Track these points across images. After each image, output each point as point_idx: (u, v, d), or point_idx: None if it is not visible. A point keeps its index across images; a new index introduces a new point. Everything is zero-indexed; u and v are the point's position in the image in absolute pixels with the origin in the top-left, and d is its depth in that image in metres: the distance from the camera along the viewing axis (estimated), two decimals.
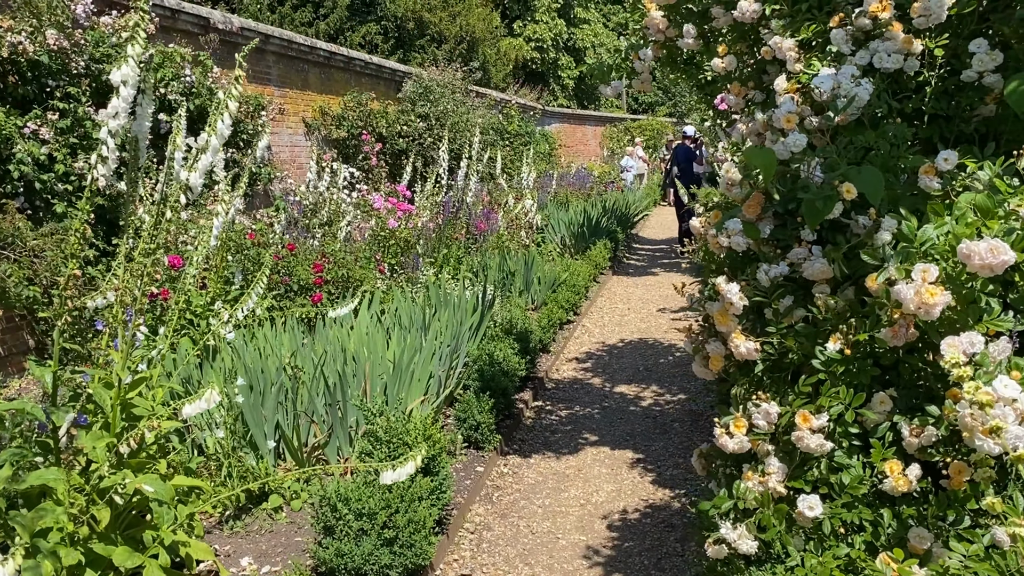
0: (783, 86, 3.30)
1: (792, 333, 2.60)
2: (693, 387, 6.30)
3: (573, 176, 17.77)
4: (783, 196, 2.69)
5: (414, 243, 8.51)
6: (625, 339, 7.97)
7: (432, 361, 5.00)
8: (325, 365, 4.62)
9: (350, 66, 13.15)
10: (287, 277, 6.50)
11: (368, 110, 12.76)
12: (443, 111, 13.83)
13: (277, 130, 11.05)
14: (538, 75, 38.15)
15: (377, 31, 22.96)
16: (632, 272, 12.21)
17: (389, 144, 13.00)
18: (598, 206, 14.12)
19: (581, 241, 12.43)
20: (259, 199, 10.25)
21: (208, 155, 2.94)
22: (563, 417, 5.78)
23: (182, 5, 9.05)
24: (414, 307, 6.18)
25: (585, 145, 30.12)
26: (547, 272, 8.84)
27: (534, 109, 21.80)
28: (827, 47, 3.28)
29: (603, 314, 9.17)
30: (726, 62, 3.80)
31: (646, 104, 52.53)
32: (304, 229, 7.88)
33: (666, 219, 19.93)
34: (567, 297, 8.28)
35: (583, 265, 9.80)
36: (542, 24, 39.70)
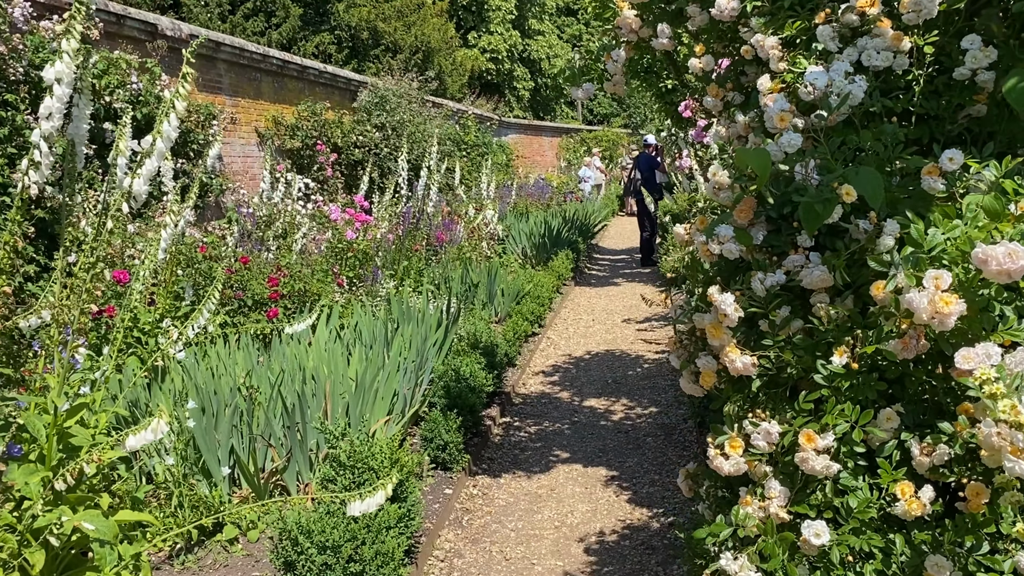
0: (767, 85, 3.15)
1: (790, 346, 2.43)
2: (664, 399, 6.14)
3: (532, 186, 17.63)
4: (777, 200, 2.52)
5: (373, 255, 8.25)
6: (592, 351, 7.80)
7: (396, 379, 4.76)
8: (283, 385, 4.36)
9: (304, 75, 12.88)
10: (241, 292, 6.21)
11: (323, 120, 12.50)
12: (400, 121, 13.62)
13: (229, 140, 10.73)
14: (494, 86, 38.14)
15: (331, 41, 22.66)
16: (594, 282, 12.07)
17: (345, 155, 12.75)
18: (558, 217, 13.98)
19: (543, 252, 12.27)
20: (211, 211, 9.92)
21: (153, 159, 2.69)
22: (533, 433, 5.58)
23: (128, 11, 8.71)
24: (375, 322, 5.94)
25: (542, 156, 30.07)
26: (511, 284, 8.64)
27: (491, 120, 21.66)
28: (812, 45, 3.14)
29: (568, 326, 8.99)
30: (704, 62, 3.64)
31: (601, 115, 52.82)
32: (258, 242, 7.58)
33: (625, 229, 19.89)
34: (532, 309, 8.09)
35: (547, 276, 9.62)
36: (497, 35, 39.71)
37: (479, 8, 39.14)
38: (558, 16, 53.23)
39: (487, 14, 39.39)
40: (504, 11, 40.59)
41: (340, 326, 6.34)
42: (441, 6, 28.41)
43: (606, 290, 11.32)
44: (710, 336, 2.50)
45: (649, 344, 7.94)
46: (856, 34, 3.08)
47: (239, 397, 4.28)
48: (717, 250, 2.54)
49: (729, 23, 3.57)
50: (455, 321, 6.36)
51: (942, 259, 2.17)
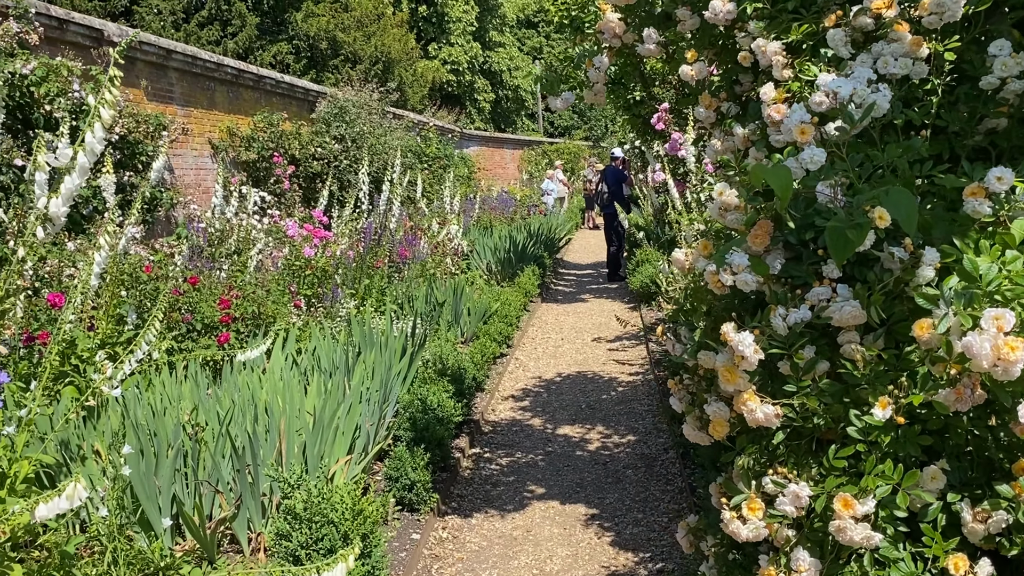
0: (772, 95, 2.85)
1: (816, 392, 2.11)
2: (642, 427, 5.82)
3: (495, 200, 17.31)
4: (798, 223, 2.21)
5: (332, 273, 7.85)
6: (562, 373, 7.47)
7: (358, 412, 4.38)
8: (233, 421, 3.96)
9: (260, 85, 12.44)
10: (189, 315, 5.78)
11: (280, 131, 12.07)
12: (360, 132, 13.24)
13: (181, 152, 10.27)
14: (454, 98, 37.86)
15: (288, 50, 22.17)
16: (561, 299, 11.76)
17: (303, 167, 12.32)
18: (523, 231, 13.67)
19: (508, 267, 11.94)
20: (160, 226, 9.44)
21: (75, 177, 2.30)
22: (504, 466, 5.22)
23: (72, 15, 8.24)
24: (335, 346, 5.54)
25: (503, 168, 29.80)
26: (477, 302, 8.29)
27: (452, 132, 21.33)
28: (819, 51, 2.85)
29: (536, 345, 8.66)
30: (696, 69, 3.34)
31: (562, 127, 52.83)
32: (209, 259, 7.14)
33: (589, 243, 19.66)
34: (500, 329, 7.74)
35: (514, 294, 9.29)
36: (457, 47, 39.45)
37: (439, 20, 38.86)
38: (519, 28, 53.22)
39: (447, 25, 39.12)
40: (465, 23, 40.36)
41: (297, 350, 5.94)
42: (401, 16, 28.05)
43: (574, 307, 11.02)
44: (723, 380, 2.18)
45: (622, 365, 7.63)
46: (869, 39, 2.79)
47: (184, 436, 3.86)
48: (729, 281, 2.22)
49: (724, 27, 3.27)
50: (421, 346, 5.98)
51: (999, 295, 1.88)
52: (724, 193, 2.44)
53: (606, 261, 13.57)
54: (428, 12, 38.12)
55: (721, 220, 2.48)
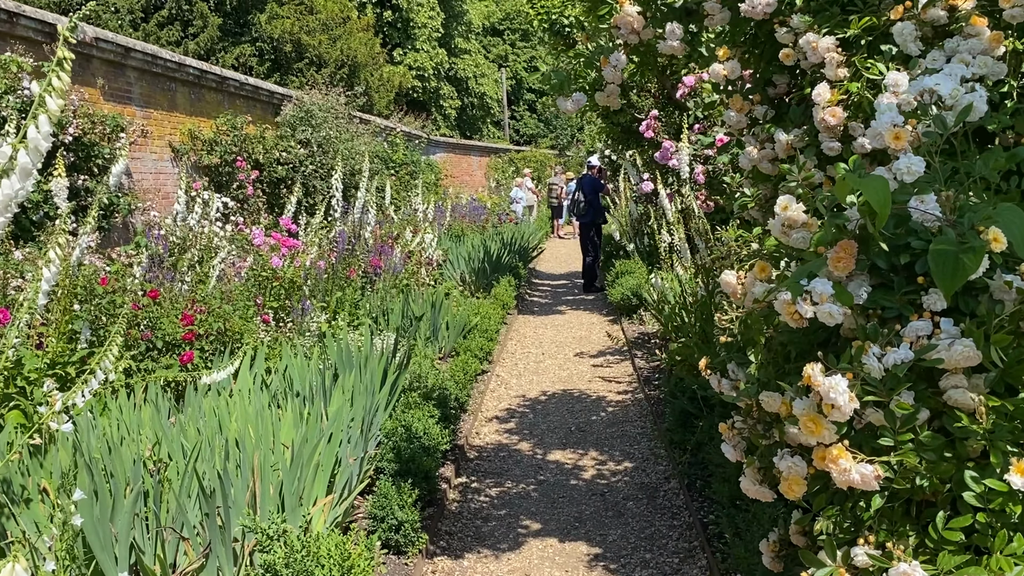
0: (826, 96, 2.52)
1: (917, 447, 1.77)
2: (638, 452, 5.47)
3: (466, 207, 16.93)
4: (892, 244, 1.86)
5: (302, 284, 7.41)
6: (547, 391, 7.10)
7: (338, 444, 3.96)
8: (200, 456, 3.52)
9: (223, 86, 11.95)
10: (149, 331, 5.32)
11: (243, 134, 11.59)
12: (326, 137, 12.81)
13: (139, 155, 9.75)
14: (420, 104, 37.47)
15: (252, 52, 21.59)
16: (537, 311, 11.41)
17: (267, 172, 11.86)
18: (496, 240, 13.30)
19: (483, 277, 11.56)
20: (117, 233, 8.93)
21: (14, 180, 1.88)
22: (494, 497, 4.83)
23: (23, 8, 7.71)
24: (308, 365, 5.12)
25: (470, 176, 29.45)
26: (456, 316, 7.89)
27: (419, 138, 20.93)
28: (880, 47, 2.53)
29: (517, 360, 8.28)
30: (728, 68, 2.99)
31: (528, 135, 52.68)
32: (170, 270, 6.67)
33: (559, 252, 19.36)
34: (481, 345, 7.36)
35: (492, 307, 8.91)
36: (423, 53, 39.08)
37: (405, 25, 38.46)
38: (484, 36, 52.99)
39: (413, 31, 38.75)
40: (430, 29, 40.02)
41: (267, 369, 5.51)
42: (367, 20, 27.58)
43: (551, 319, 10.66)
44: (805, 431, 1.82)
45: (608, 383, 7.29)
46: (939, 34, 2.48)
47: (144, 473, 3.43)
48: (810, 312, 1.86)
49: (760, 21, 2.94)
50: (404, 366, 5.57)
51: None
52: (789, 207, 2.09)
53: (581, 271, 13.25)
54: (393, 17, 37.70)
55: (784, 239, 2.13)
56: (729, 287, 2.32)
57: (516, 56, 55.21)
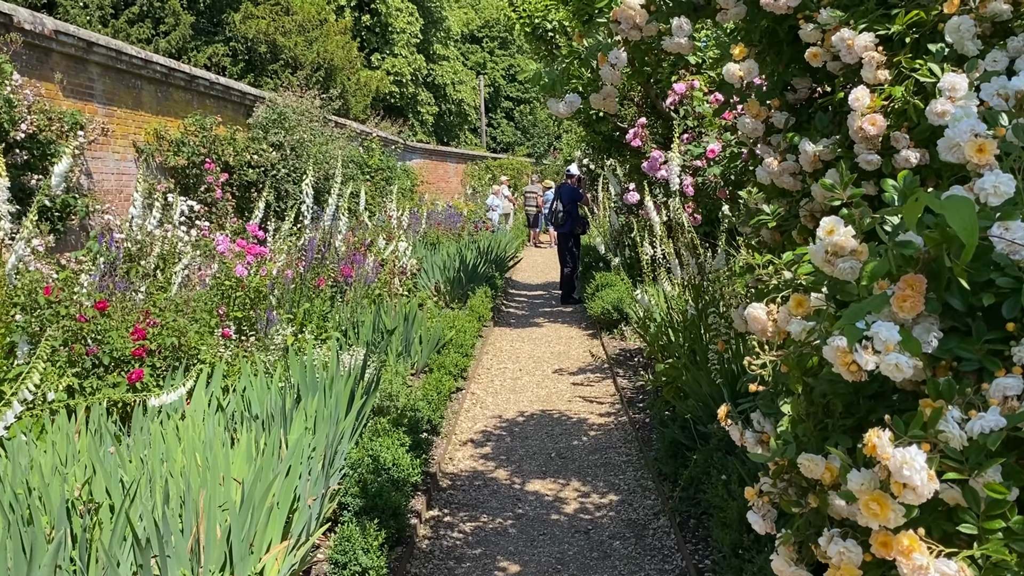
0: (865, 101, 2.17)
1: (1008, 536, 1.42)
2: (623, 483, 5.11)
3: (442, 215, 16.54)
4: (972, 281, 1.51)
5: (268, 294, 6.99)
6: (525, 411, 6.73)
7: (297, 479, 3.56)
8: (139, 495, 3.11)
9: (193, 85, 11.49)
10: (96, 346, 4.88)
11: (213, 136, 11.15)
12: (299, 140, 12.39)
13: (101, 154, 9.28)
14: (397, 109, 37.10)
15: (225, 52, 21.08)
16: (514, 323, 11.03)
17: (237, 175, 11.42)
18: (472, 249, 12.93)
19: (458, 288, 11.18)
20: (74, 236, 8.45)
21: None
22: (468, 534, 4.44)
23: None
24: (269, 384, 4.71)
25: (447, 182, 29.10)
26: (431, 330, 7.50)
27: (396, 143, 20.56)
28: (928, 45, 2.19)
29: (493, 377, 7.90)
30: (744, 69, 2.65)
31: (505, 143, 52.46)
32: (123, 278, 6.23)
33: (536, 261, 19.02)
34: (455, 361, 6.97)
35: (468, 320, 8.52)
36: (401, 58, 38.71)
37: (383, 30, 38.08)
38: (463, 43, 52.73)
39: (391, 36, 38.37)
40: (409, 34, 39.69)
41: (225, 388, 5.10)
42: (345, 23, 27.14)
43: (529, 332, 10.30)
44: (867, 513, 1.46)
45: (589, 403, 6.92)
46: (999, 32, 2.15)
47: (73, 515, 3.02)
48: (871, 363, 1.50)
49: (780, 17, 2.60)
50: (374, 388, 5.17)
51: None
52: (835, 230, 1.74)
53: (559, 283, 12.90)
54: (372, 22, 37.31)
55: (827, 268, 1.78)
56: (757, 323, 1.96)
57: (494, 64, 55.01)
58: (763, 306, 1.96)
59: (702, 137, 6.86)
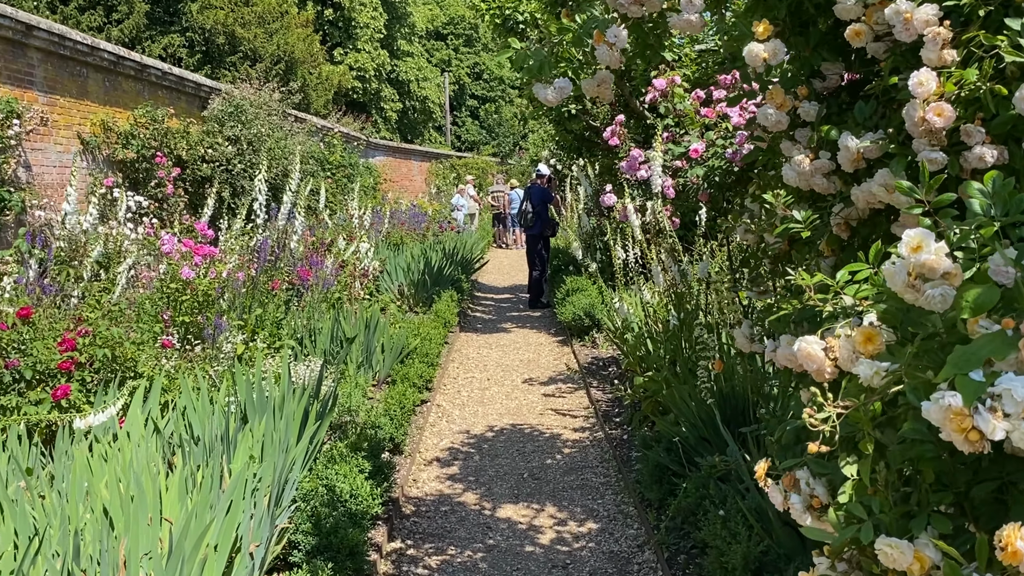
0: (930, 87, 1.79)
1: None
2: (602, 509, 4.71)
3: (406, 214, 16.05)
4: None
5: (217, 299, 6.49)
6: (494, 426, 6.30)
7: (239, 517, 3.10)
8: (46, 545, 2.63)
9: (144, 75, 10.90)
10: (16, 358, 4.36)
11: (165, 128, 10.58)
12: (257, 134, 11.86)
13: (42, 146, 8.67)
14: (360, 105, 36.50)
15: (181, 43, 20.36)
16: (481, 328, 10.60)
17: (190, 170, 10.87)
18: (438, 250, 12.47)
19: (423, 291, 10.72)
20: (10, 233, 7.85)
21: None
22: (434, 570, 4.00)
23: None
24: (214, 402, 4.24)
25: (410, 180, 28.57)
26: (394, 338, 7.04)
27: (358, 139, 20.02)
28: (1006, 20, 1.81)
29: (460, 387, 7.46)
30: (770, 49, 2.25)
31: (470, 142, 52.04)
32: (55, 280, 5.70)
33: (503, 263, 18.62)
34: (420, 372, 6.52)
35: (434, 326, 8.07)
36: (364, 53, 38.10)
37: (346, 24, 37.43)
38: (427, 40, 52.14)
39: (354, 31, 37.74)
40: (372, 29, 39.09)
41: (165, 405, 4.61)
42: (307, 16, 26.48)
43: (496, 338, 9.87)
44: None
45: (562, 416, 6.52)
46: None
47: None
48: (1000, 431, 1.11)
49: None
50: (330, 408, 4.70)
51: None
52: (923, 247, 1.34)
53: (527, 286, 12.50)
54: (335, 16, 36.64)
55: (911, 296, 1.38)
56: (811, 361, 1.56)
57: (460, 61, 54.51)
58: (818, 340, 1.56)
59: (683, 136, 6.48)
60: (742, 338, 3.10)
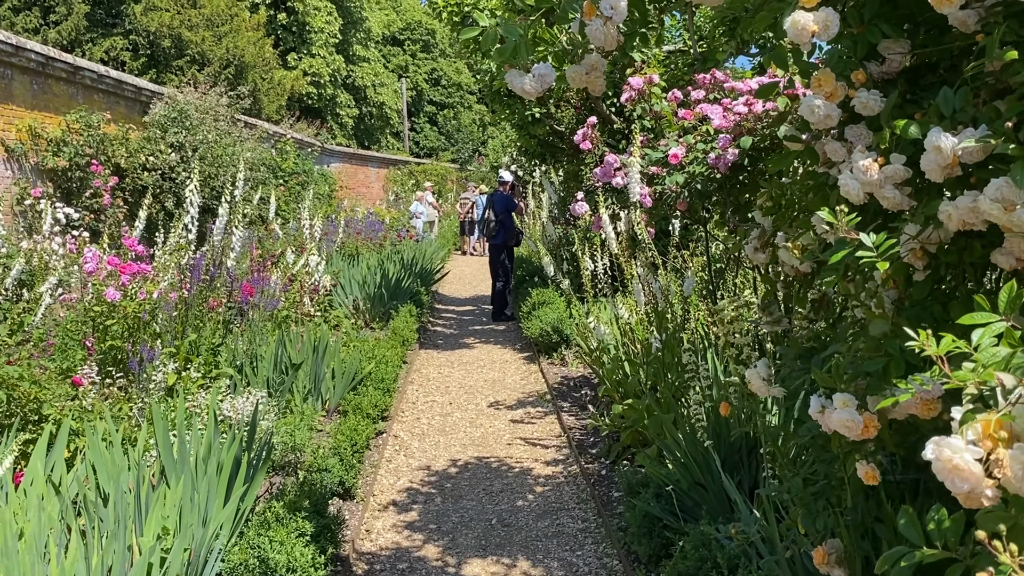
0: None
1: None
2: (583, 564, 4.14)
3: (362, 223, 15.40)
4: None
5: (148, 323, 5.83)
6: (457, 459, 5.71)
7: None
8: None
9: (77, 77, 10.16)
10: None
11: (101, 134, 9.86)
12: (203, 141, 11.18)
13: None
14: (315, 111, 35.73)
15: (125, 46, 19.47)
16: (442, 344, 10.00)
17: (130, 179, 10.16)
18: (396, 261, 11.85)
19: (379, 305, 10.10)
20: None
21: None
22: None
23: None
24: (127, 452, 3.61)
25: (368, 187, 27.87)
26: (346, 363, 6.41)
27: (312, 146, 19.33)
28: None
29: (419, 413, 6.86)
30: (820, 20, 1.71)
31: (429, 148, 51.45)
32: None
33: (464, 272, 18.03)
34: (375, 400, 5.91)
35: (391, 347, 7.45)
36: (319, 59, 37.34)
37: (300, 29, 36.62)
38: (384, 45, 51.43)
39: (309, 36, 36.94)
40: (327, 34, 38.34)
41: (75, 453, 3.98)
42: (258, 19, 25.65)
43: (459, 355, 9.28)
44: None
45: (532, 447, 5.95)
46: None
47: None
48: None
49: None
50: (265, 458, 4.06)
51: None
52: None
53: (491, 297, 11.93)
54: (288, 20, 35.81)
55: None
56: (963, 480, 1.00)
57: (417, 67, 53.86)
58: (968, 445, 1.01)
59: (657, 141, 5.95)
60: (758, 380, 2.58)
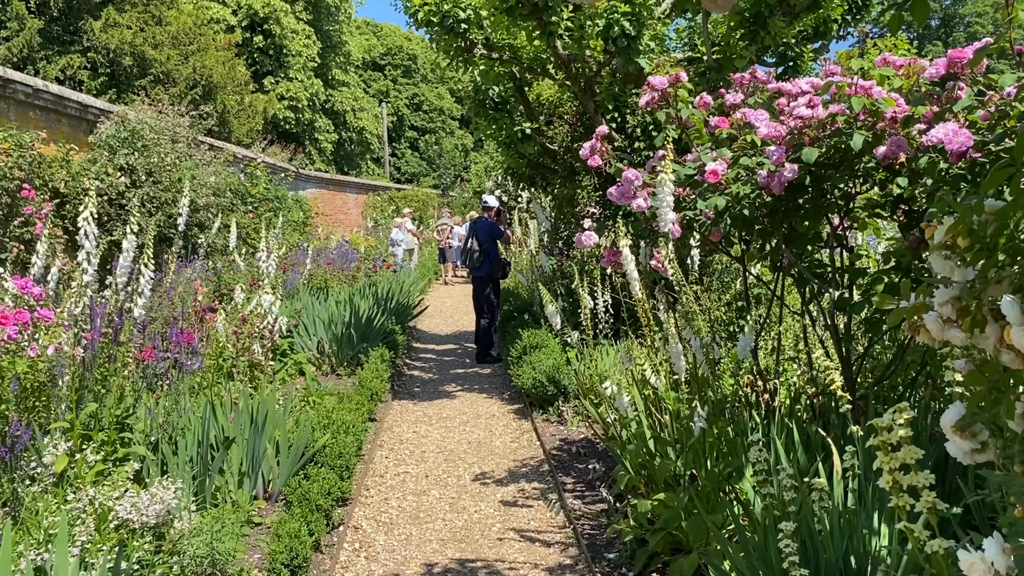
0: None
1: None
2: None
3: (334, 251, 14.15)
4: None
5: (42, 387, 4.55)
6: (434, 564, 4.43)
7: None
8: None
9: (6, 92, 8.97)
10: None
11: (35, 155, 8.64)
12: (158, 164, 9.98)
13: None
14: (292, 136, 34.61)
15: (83, 64, 18.21)
16: (419, 392, 8.72)
17: (72, 205, 8.97)
18: (369, 295, 10.60)
19: (347, 348, 8.85)
20: None
21: None
22: None
23: None
24: None
25: (346, 214, 26.67)
26: (296, 433, 5.12)
27: (286, 171, 18.15)
28: None
29: (388, 493, 5.57)
30: None
31: (410, 174, 50.46)
32: None
33: (445, 303, 16.79)
34: (329, 486, 4.63)
35: (354, 406, 6.16)
36: (296, 82, 36.34)
37: (277, 52, 35.60)
38: (364, 70, 50.51)
39: (286, 59, 35.92)
40: (306, 58, 37.38)
41: None
42: (229, 39, 24.48)
43: (438, 407, 8.01)
44: None
45: (530, 544, 4.68)
46: None
47: None
48: None
49: None
50: None
51: None
52: None
53: (474, 335, 10.69)
54: (265, 43, 34.78)
55: None
56: None
57: (398, 92, 52.96)
58: None
59: (684, 154, 4.72)
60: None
